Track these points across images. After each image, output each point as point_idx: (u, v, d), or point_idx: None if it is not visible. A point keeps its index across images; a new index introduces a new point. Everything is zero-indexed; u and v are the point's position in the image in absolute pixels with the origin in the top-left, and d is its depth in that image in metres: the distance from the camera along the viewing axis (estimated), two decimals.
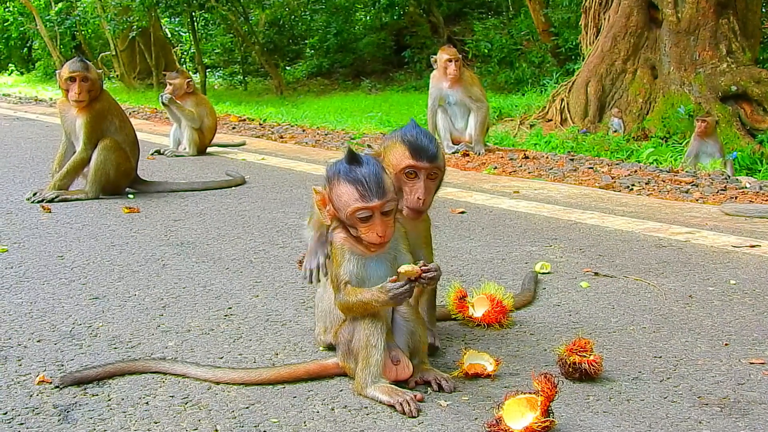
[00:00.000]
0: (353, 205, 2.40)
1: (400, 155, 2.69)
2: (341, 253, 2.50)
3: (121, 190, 6.02)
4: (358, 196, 2.40)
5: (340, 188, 2.44)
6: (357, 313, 2.50)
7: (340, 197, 2.44)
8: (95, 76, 5.83)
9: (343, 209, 2.44)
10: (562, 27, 16.84)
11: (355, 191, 2.40)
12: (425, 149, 2.67)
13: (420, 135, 2.71)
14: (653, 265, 4.07)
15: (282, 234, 4.80)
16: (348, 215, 2.43)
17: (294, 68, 23.02)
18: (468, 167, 7.71)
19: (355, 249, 2.50)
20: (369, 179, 2.40)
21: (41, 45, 26.47)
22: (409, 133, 2.71)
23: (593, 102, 11.57)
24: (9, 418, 2.35)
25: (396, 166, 2.69)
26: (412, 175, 2.68)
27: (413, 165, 2.67)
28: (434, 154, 2.69)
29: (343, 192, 2.43)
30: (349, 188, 2.41)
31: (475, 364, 2.66)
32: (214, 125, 8.62)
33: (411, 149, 2.67)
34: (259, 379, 2.60)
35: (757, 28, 12.13)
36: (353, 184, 2.40)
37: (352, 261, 2.49)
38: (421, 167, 2.67)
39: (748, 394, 2.53)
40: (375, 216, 2.41)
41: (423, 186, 2.69)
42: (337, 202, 2.46)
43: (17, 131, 10.84)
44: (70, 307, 3.38)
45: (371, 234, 2.42)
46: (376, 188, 2.39)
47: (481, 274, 3.92)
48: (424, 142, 2.69)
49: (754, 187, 6.66)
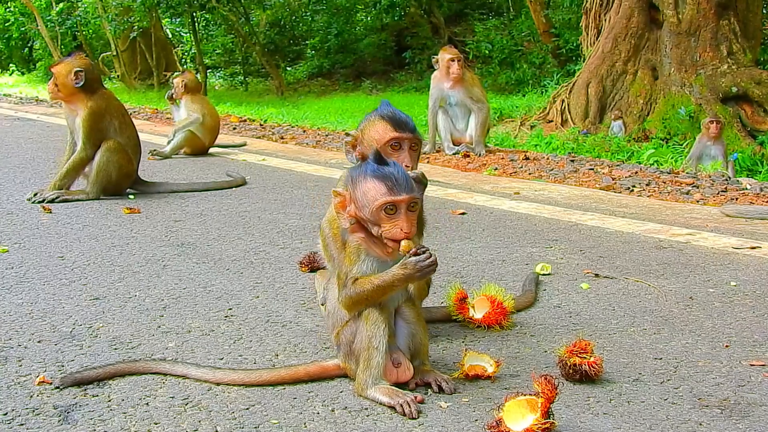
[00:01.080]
0: (381, 199, 2.42)
1: (383, 130, 2.82)
2: (357, 253, 2.51)
3: (122, 191, 6.02)
4: (386, 190, 2.43)
5: (367, 185, 2.46)
6: (367, 303, 2.49)
7: (366, 193, 2.46)
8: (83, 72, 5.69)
9: (369, 205, 2.45)
10: (562, 28, 16.84)
11: (383, 186, 2.43)
12: (405, 121, 2.84)
13: (397, 111, 2.87)
14: (654, 266, 4.07)
15: (283, 235, 4.80)
16: (374, 210, 2.44)
17: (295, 69, 23.01)
18: (468, 168, 7.71)
19: (372, 251, 2.51)
20: (397, 175, 2.45)
21: (42, 45, 26.46)
22: (387, 110, 2.87)
23: (594, 103, 11.58)
24: (9, 418, 2.35)
25: (379, 140, 2.81)
26: (397, 147, 2.81)
27: (397, 136, 2.80)
28: (414, 126, 2.86)
29: (370, 188, 2.45)
30: (378, 183, 2.44)
31: (476, 366, 2.66)
32: (216, 126, 8.62)
33: (392, 122, 2.82)
34: (259, 381, 2.60)
35: (758, 30, 12.13)
36: (382, 179, 2.44)
37: (366, 262, 2.50)
38: (405, 137, 2.81)
39: (749, 395, 2.53)
40: (401, 211, 2.43)
41: (408, 155, 2.81)
42: (362, 200, 2.47)
43: (18, 131, 10.84)
44: (70, 308, 3.39)
45: (395, 229, 2.43)
46: (405, 183, 2.44)
47: (482, 276, 3.92)
48: (403, 116, 2.85)
49: (755, 188, 6.66)
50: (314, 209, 5.54)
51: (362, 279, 2.48)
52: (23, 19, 26.64)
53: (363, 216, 2.48)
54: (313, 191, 6.32)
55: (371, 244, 2.51)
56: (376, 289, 2.46)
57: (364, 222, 2.49)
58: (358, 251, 2.51)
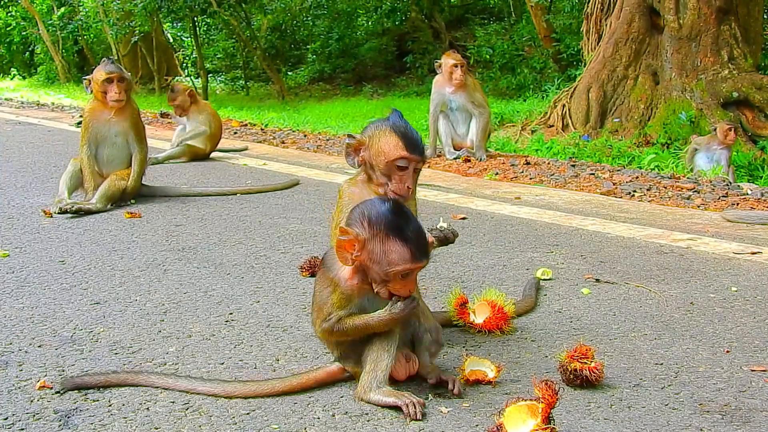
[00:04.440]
0: (402, 266, 2.40)
1: (394, 146, 2.76)
2: (348, 300, 2.51)
3: (127, 198, 5.99)
4: (409, 257, 2.41)
5: (389, 246, 2.42)
6: (345, 338, 2.54)
7: (387, 254, 2.40)
8: (129, 77, 5.89)
9: (387, 268, 2.41)
10: (563, 33, 16.84)
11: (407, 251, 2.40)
12: (417, 143, 2.79)
13: (409, 128, 2.83)
14: (654, 271, 4.07)
15: (283, 239, 4.81)
16: (391, 272, 2.40)
17: (296, 73, 23.04)
18: (469, 173, 7.71)
19: (360, 296, 2.51)
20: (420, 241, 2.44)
21: (43, 49, 26.54)
22: (400, 125, 2.81)
23: (595, 108, 11.56)
24: (10, 423, 2.35)
25: (388, 155, 2.76)
26: (404, 167, 2.77)
27: (408, 157, 2.76)
28: (423, 149, 2.83)
29: (392, 250, 2.41)
30: (402, 248, 2.41)
31: (477, 371, 2.66)
32: (218, 133, 8.61)
33: (405, 142, 2.76)
34: (273, 391, 2.56)
35: (759, 35, 12.13)
36: (406, 243, 2.42)
37: (354, 309, 2.51)
38: (414, 159, 2.78)
39: (750, 401, 2.52)
40: (413, 273, 2.46)
41: (411, 177, 2.79)
42: (380, 257, 2.41)
43: (19, 136, 10.85)
44: (71, 312, 3.39)
45: (404, 290, 2.45)
46: (424, 249, 2.45)
47: (482, 281, 3.92)
48: (416, 136, 2.81)
49: (756, 193, 6.66)
50: (315, 214, 5.54)
51: (347, 318, 2.50)
52: (24, 23, 26.73)
53: (374, 270, 2.44)
54: (314, 196, 6.32)
55: (362, 291, 2.51)
56: (357, 329, 2.50)
57: (368, 272, 2.46)
58: (350, 299, 2.51)
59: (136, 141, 5.94)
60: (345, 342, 2.58)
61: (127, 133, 5.90)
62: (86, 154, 5.84)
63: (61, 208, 5.43)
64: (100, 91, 5.76)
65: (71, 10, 24.69)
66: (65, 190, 5.77)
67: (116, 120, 5.85)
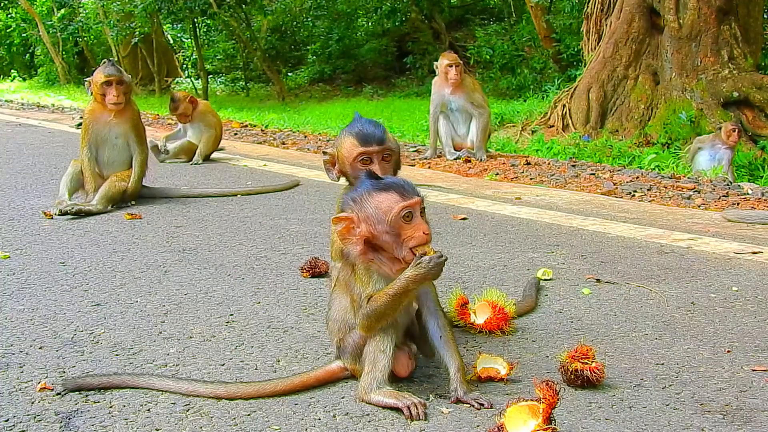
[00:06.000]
0: (398, 206, 2.44)
1: (350, 146, 2.85)
2: (368, 274, 2.51)
3: (127, 199, 5.99)
4: (399, 197, 2.46)
5: (376, 199, 2.48)
6: (385, 317, 2.49)
7: (379, 207, 2.46)
8: (128, 79, 5.89)
9: (386, 216, 2.45)
10: (563, 33, 16.84)
11: (394, 194, 2.47)
12: (371, 134, 2.84)
13: (365, 123, 2.88)
14: (655, 271, 4.07)
15: (284, 240, 4.80)
16: (392, 219, 2.44)
17: (296, 74, 23.04)
18: (470, 173, 7.71)
19: (381, 270, 2.52)
20: (400, 182, 2.50)
21: (44, 51, 26.53)
22: (355, 125, 2.89)
23: (595, 108, 11.57)
24: (11, 425, 2.35)
25: (348, 157, 2.85)
26: (367, 161, 2.83)
27: (364, 151, 2.83)
28: (382, 137, 2.86)
29: (381, 200, 2.47)
30: (387, 194, 2.47)
31: (489, 368, 2.67)
32: (219, 135, 8.61)
33: (359, 138, 2.84)
34: (275, 391, 2.57)
35: (759, 35, 12.12)
36: (388, 189, 2.48)
37: (379, 281, 2.51)
38: (372, 151, 2.84)
39: (751, 401, 2.52)
40: (417, 214, 2.47)
41: (379, 169, 2.81)
42: (376, 215, 2.46)
43: (19, 137, 10.85)
44: (71, 314, 3.39)
45: (418, 233, 2.46)
46: (410, 187, 2.49)
47: (483, 281, 3.92)
48: (370, 129, 2.85)
49: (756, 193, 6.66)
50: (315, 215, 5.54)
51: (376, 294, 2.48)
52: (25, 25, 26.72)
53: (379, 231, 2.47)
54: (314, 197, 6.32)
55: (380, 264, 2.52)
56: (392, 299, 2.45)
57: (377, 240, 2.49)
58: (369, 272, 2.51)
59: (136, 143, 5.95)
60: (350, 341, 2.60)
61: (128, 134, 5.91)
62: (86, 156, 5.85)
63: (62, 210, 5.44)
64: (99, 94, 5.77)
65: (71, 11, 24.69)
66: (66, 191, 5.78)
67: (116, 122, 5.85)
